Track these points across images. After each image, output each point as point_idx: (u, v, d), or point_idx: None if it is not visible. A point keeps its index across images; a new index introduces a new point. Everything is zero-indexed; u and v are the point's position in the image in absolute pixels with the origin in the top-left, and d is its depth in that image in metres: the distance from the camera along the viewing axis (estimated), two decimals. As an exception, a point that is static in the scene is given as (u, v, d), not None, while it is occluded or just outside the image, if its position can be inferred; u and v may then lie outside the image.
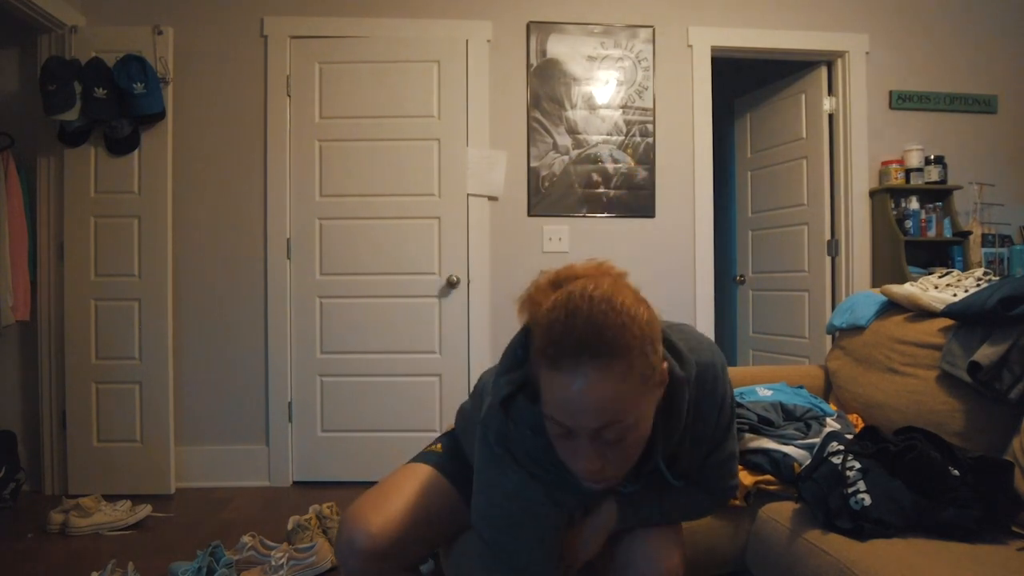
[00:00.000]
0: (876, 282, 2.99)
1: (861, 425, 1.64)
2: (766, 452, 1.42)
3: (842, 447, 1.26)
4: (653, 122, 2.99)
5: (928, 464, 1.20)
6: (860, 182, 3.07)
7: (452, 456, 1.19)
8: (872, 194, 3.07)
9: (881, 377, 1.71)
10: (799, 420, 1.51)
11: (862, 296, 2.01)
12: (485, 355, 2.86)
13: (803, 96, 3.27)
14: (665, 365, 0.85)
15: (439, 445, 1.24)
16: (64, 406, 2.68)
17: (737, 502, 1.37)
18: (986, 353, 1.38)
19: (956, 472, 1.19)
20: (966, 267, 2.87)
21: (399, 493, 1.07)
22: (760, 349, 3.60)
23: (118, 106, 2.60)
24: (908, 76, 3.11)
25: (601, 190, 2.96)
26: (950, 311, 1.55)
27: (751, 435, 1.45)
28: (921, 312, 1.71)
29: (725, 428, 1.03)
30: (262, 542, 1.95)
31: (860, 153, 3.07)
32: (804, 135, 3.27)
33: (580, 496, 0.95)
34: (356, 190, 2.86)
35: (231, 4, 2.85)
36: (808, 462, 1.33)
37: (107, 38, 2.68)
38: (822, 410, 1.57)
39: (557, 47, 2.95)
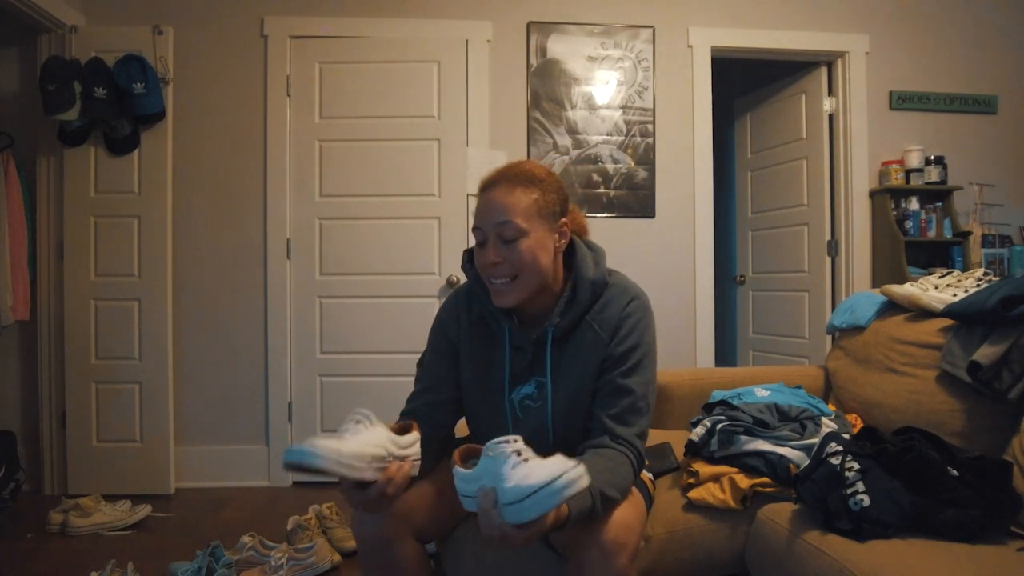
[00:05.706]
0: (876, 282, 2.99)
1: (860, 425, 1.64)
2: (762, 454, 1.41)
3: (841, 448, 1.26)
4: (653, 122, 2.98)
5: (927, 464, 1.20)
6: (860, 182, 3.07)
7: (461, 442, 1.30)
8: (872, 194, 3.07)
9: (881, 377, 1.70)
10: (794, 421, 1.50)
11: (862, 296, 2.01)
12: (485, 355, 2.85)
13: (803, 96, 3.27)
14: (566, 227, 1.15)
15: None
16: (64, 406, 2.68)
17: (734, 506, 1.37)
18: (986, 353, 1.38)
19: (955, 472, 1.19)
20: (966, 267, 2.87)
21: None
22: (760, 349, 3.60)
23: (118, 106, 2.60)
24: (908, 76, 3.11)
25: (601, 190, 2.96)
26: (950, 311, 1.55)
27: (747, 437, 1.44)
28: (921, 312, 1.71)
29: (628, 355, 1.13)
30: (262, 542, 1.95)
31: (860, 153, 3.06)
32: (804, 135, 3.27)
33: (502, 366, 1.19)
34: (356, 190, 2.86)
35: (231, 4, 2.85)
36: (804, 463, 1.33)
37: (107, 38, 2.68)
38: (819, 410, 1.56)
39: (557, 47, 2.95)
